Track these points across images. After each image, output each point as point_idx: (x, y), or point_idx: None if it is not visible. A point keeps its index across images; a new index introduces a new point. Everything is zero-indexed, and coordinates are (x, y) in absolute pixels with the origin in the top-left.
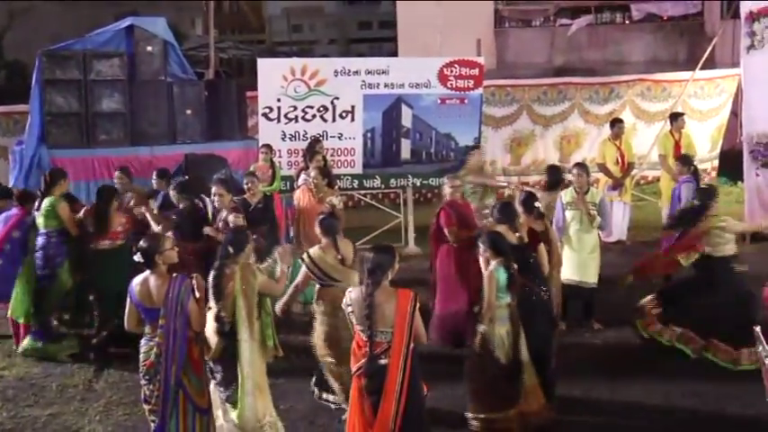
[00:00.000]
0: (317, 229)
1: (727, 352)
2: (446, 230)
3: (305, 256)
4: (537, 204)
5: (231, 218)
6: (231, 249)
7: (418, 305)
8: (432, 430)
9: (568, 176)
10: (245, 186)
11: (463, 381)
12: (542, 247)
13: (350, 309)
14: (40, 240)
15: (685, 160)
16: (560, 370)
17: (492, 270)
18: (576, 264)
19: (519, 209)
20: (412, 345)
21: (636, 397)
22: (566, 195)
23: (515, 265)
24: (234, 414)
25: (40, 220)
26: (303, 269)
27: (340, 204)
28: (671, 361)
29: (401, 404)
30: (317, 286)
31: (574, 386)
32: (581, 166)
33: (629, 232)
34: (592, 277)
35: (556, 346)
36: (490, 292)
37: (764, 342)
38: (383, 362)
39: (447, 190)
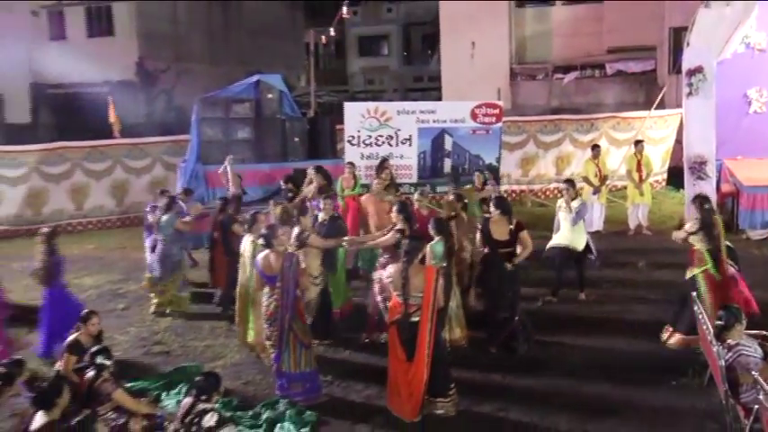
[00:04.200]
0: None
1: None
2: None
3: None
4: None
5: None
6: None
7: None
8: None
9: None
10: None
11: None
12: (525, 233)
13: (389, 279)
14: None
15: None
16: (547, 324)
17: (432, 244)
18: (567, 237)
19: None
20: (437, 307)
21: (602, 346)
22: (558, 202)
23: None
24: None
25: None
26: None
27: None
28: (633, 318)
29: (430, 349)
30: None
31: (563, 336)
32: (568, 182)
33: (604, 225)
34: (580, 246)
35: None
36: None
37: (699, 302)
38: (415, 319)
39: (414, 200)
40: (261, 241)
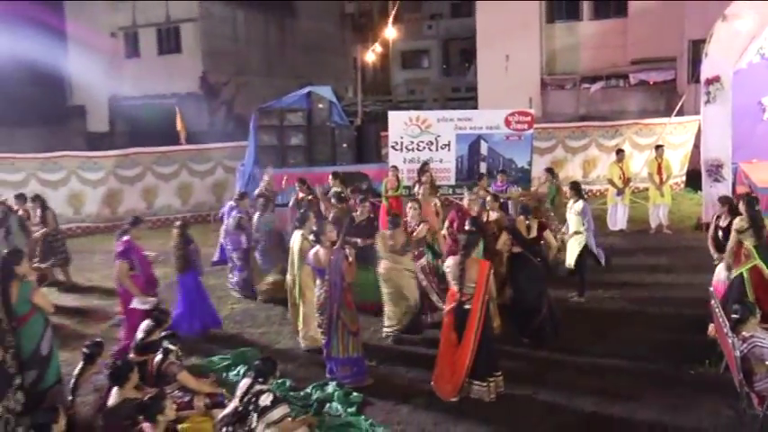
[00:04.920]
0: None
1: None
2: (446, 223)
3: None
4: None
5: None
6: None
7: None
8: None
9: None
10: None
11: None
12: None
13: (447, 270)
14: None
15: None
16: (574, 318)
17: None
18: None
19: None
20: (487, 297)
21: (625, 337)
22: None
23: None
24: None
25: None
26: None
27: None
28: (653, 312)
29: (478, 335)
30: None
31: (589, 329)
32: (572, 183)
33: (627, 224)
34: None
35: (545, 300)
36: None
37: (716, 297)
38: (467, 307)
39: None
40: (311, 237)
